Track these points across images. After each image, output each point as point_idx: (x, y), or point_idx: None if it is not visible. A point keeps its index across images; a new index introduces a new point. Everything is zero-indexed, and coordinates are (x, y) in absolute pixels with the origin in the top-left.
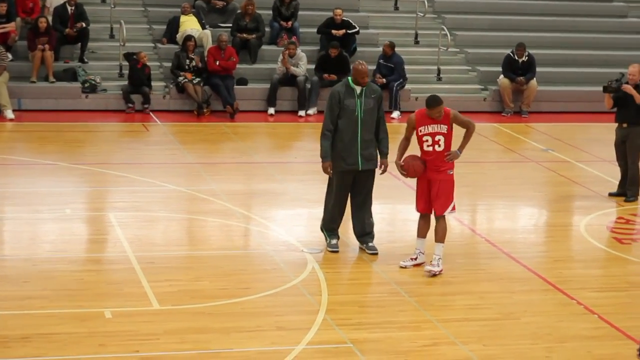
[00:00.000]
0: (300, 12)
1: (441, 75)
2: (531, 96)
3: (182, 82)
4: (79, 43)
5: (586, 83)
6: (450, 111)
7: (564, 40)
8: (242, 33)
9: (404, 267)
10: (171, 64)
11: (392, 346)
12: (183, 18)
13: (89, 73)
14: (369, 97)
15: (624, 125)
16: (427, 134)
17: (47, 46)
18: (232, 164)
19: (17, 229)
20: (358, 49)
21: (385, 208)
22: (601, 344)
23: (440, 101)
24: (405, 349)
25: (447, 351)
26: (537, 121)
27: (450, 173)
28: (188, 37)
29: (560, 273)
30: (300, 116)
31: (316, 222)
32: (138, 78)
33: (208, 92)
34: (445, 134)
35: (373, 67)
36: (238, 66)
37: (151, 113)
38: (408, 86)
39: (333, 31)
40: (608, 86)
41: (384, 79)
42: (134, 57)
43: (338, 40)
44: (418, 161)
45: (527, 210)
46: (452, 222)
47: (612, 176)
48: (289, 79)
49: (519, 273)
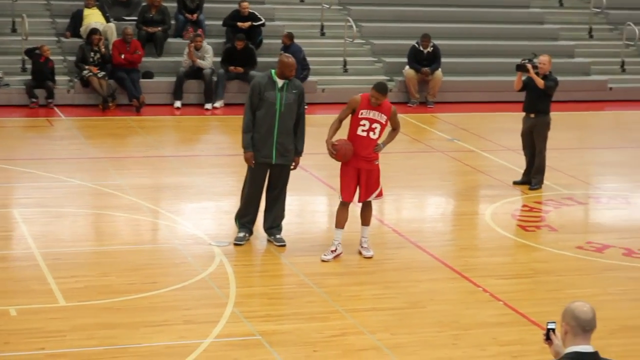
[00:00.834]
0: (205, 5)
1: (347, 66)
2: (436, 87)
3: (87, 76)
4: None
5: (490, 73)
6: (392, 106)
7: (468, 31)
8: (148, 26)
9: (326, 261)
10: (75, 58)
11: (301, 337)
12: (87, 11)
13: None
14: (290, 92)
15: (531, 115)
16: (366, 119)
17: None
18: (139, 158)
19: None
20: (264, 41)
21: (293, 200)
22: (507, 330)
23: (385, 89)
24: (313, 340)
25: (355, 341)
26: (443, 111)
27: (376, 163)
28: (93, 30)
29: (466, 261)
30: (206, 109)
31: (224, 215)
32: (41, 72)
33: (113, 86)
34: (382, 124)
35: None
36: (144, 59)
37: (55, 108)
38: (314, 78)
39: (239, 23)
40: (522, 65)
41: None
42: (37, 52)
43: (244, 32)
44: (351, 147)
45: (434, 199)
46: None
47: (517, 165)
48: (195, 72)
49: (426, 262)
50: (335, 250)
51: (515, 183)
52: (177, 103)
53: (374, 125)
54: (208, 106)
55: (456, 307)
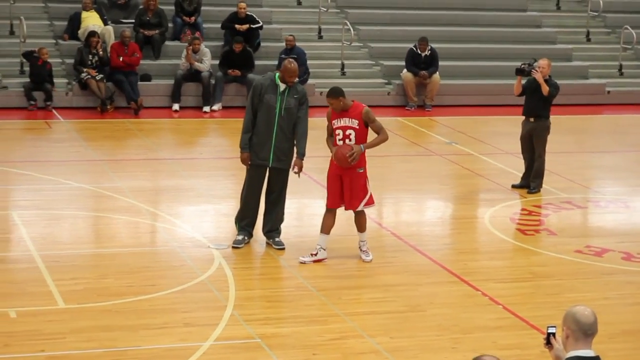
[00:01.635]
0: (203, 8)
1: (345, 69)
2: (434, 90)
3: (85, 79)
4: None
5: (488, 76)
6: (362, 108)
7: (466, 34)
8: (145, 29)
9: (303, 263)
10: (74, 60)
11: (300, 340)
12: (84, 14)
13: None
14: (292, 97)
15: (531, 119)
16: (339, 127)
17: None
18: (137, 161)
19: None
20: (262, 44)
21: (292, 203)
22: (506, 334)
23: (336, 92)
24: (313, 343)
25: (355, 344)
26: (441, 115)
27: (360, 171)
28: (92, 33)
29: (465, 265)
30: (205, 112)
31: (223, 218)
32: (39, 75)
33: (111, 89)
34: (356, 129)
35: (275, 62)
36: (141, 62)
37: (54, 110)
38: (312, 81)
39: (237, 26)
40: (521, 69)
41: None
42: (34, 55)
43: (242, 35)
44: (342, 150)
45: (433, 203)
46: None
47: (515, 168)
48: (193, 75)
49: (425, 266)
50: (316, 254)
51: (514, 187)
52: (175, 106)
53: (348, 132)
54: (206, 109)
55: (456, 311)
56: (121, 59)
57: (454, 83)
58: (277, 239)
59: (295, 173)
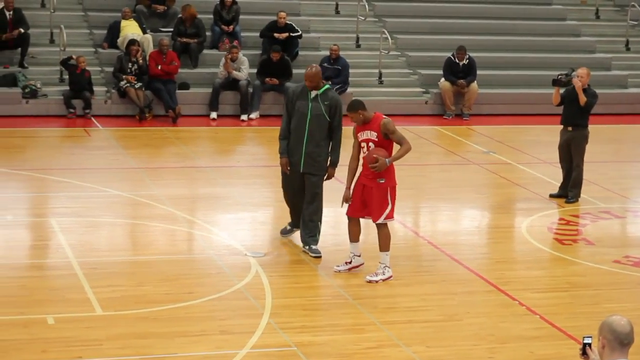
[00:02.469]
0: (241, 16)
1: (382, 78)
2: (472, 99)
3: (124, 87)
4: (19, 48)
5: (526, 85)
6: (381, 119)
7: (504, 43)
8: (183, 38)
9: (338, 272)
10: (113, 68)
11: (337, 349)
12: (124, 23)
13: (29, 78)
14: (321, 103)
15: (569, 128)
16: (362, 140)
17: None
18: (175, 169)
19: None
20: (300, 53)
21: (329, 211)
22: (543, 345)
23: (353, 106)
24: (349, 352)
25: (391, 353)
26: (479, 124)
27: (380, 182)
28: (132, 42)
29: (502, 274)
30: (242, 120)
31: (260, 226)
32: (78, 83)
33: (150, 97)
34: (375, 141)
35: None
36: (180, 70)
37: (93, 118)
38: (350, 89)
39: (275, 34)
40: (558, 80)
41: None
42: (71, 63)
43: (280, 43)
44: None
45: (469, 212)
46: (395, 225)
47: (553, 178)
48: (231, 83)
49: (462, 275)
50: (350, 262)
51: (551, 196)
52: (213, 114)
53: (370, 144)
54: (244, 117)
55: (492, 321)
56: (159, 68)
57: (492, 92)
58: (314, 247)
59: (325, 179)
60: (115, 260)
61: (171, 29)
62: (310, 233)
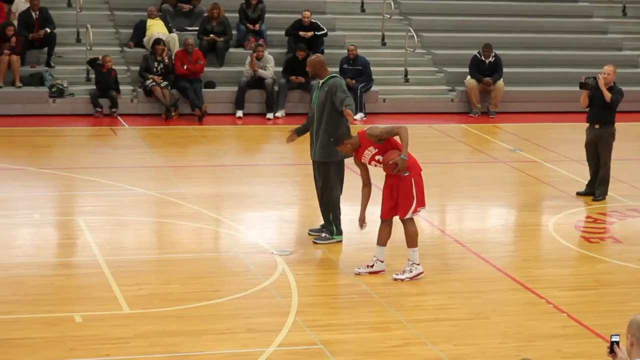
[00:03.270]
0: (267, 15)
1: (408, 76)
2: (498, 97)
3: (150, 86)
4: (46, 47)
5: (552, 83)
6: (364, 133)
7: (531, 40)
8: (209, 35)
9: (358, 274)
10: (139, 67)
11: (363, 347)
12: (150, 22)
13: (56, 77)
14: (322, 91)
15: (596, 126)
16: (370, 160)
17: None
18: (201, 167)
19: None
20: (325, 51)
21: (355, 210)
22: (570, 343)
23: (338, 141)
24: (376, 350)
25: (418, 351)
26: (505, 121)
27: (405, 175)
28: (157, 41)
29: (529, 272)
30: (268, 119)
31: (286, 224)
32: (105, 82)
33: (176, 96)
34: (378, 153)
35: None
36: (205, 69)
37: (119, 117)
38: (376, 88)
39: (301, 33)
40: (585, 83)
41: (354, 81)
42: (98, 62)
43: (305, 42)
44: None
45: (496, 210)
46: (422, 223)
47: (580, 176)
48: (257, 82)
49: (488, 273)
50: (372, 265)
51: (578, 194)
52: (239, 112)
53: (377, 157)
54: (269, 116)
55: (519, 319)
56: (185, 67)
57: (518, 90)
58: (323, 235)
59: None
60: (142, 258)
61: (197, 28)
62: (322, 224)
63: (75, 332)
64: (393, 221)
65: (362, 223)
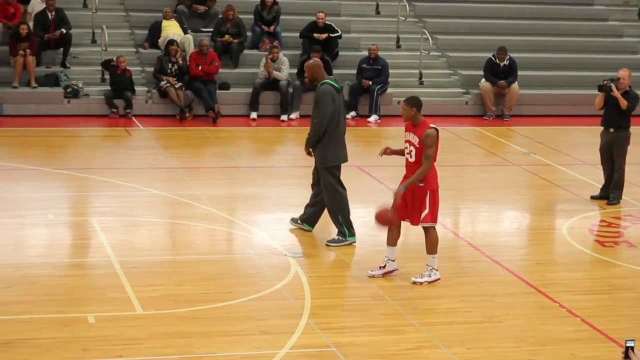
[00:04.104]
0: (281, 17)
1: (423, 79)
2: (513, 99)
3: (165, 87)
4: (61, 48)
5: (567, 86)
6: (428, 126)
7: (545, 43)
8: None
9: (372, 277)
10: (154, 68)
11: (376, 350)
12: (165, 23)
13: (71, 78)
14: (315, 95)
15: (611, 130)
16: (406, 141)
17: (29, 51)
18: (215, 169)
19: (0, 234)
20: (340, 53)
21: (368, 212)
22: (584, 347)
23: (410, 100)
24: (388, 353)
25: (431, 354)
26: (519, 124)
27: (420, 185)
28: (171, 42)
29: (542, 276)
30: (282, 120)
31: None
32: (120, 83)
33: (190, 97)
34: (416, 147)
35: (354, 71)
36: (220, 71)
37: (133, 118)
38: (390, 90)
39: (315, 35)
40: (603, 85)
41: (370, 82)
42: (112, 64)
43: (320, 44)
44: (388, 214)
45: (510, 213)
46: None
47: (594, 179)
48: (272, 84)
49: (502, 276)
50: (384, 266)
51: (593, 198)
52: (253, 114)
53: (410, 148)
54: (284, 117)
55: (533, 322)
56: (199, 68)
57: (533, 93)
58: (336, 237)
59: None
60: (155, 259)
61: (211, 30)
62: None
63: (88, 333)
64: (402, 223)
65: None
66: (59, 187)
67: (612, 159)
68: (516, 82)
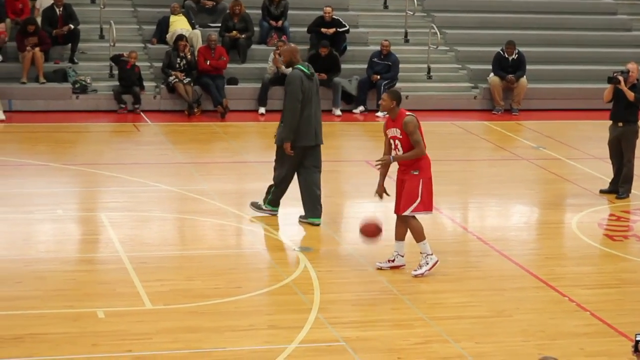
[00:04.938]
0: (289, 12)
1: (431, 73)
2: (521, 94)
3: (173, 82)
4: (69, 44)
5: (576, 80)
6: (405, 115)
7: (554, 37)
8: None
9: (380, 268)
10: (162, 64)
11: (385, 344)
12: (173, 18)
13: (80, 74)
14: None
15: (619, 124)
16: (391, 137)
17: (37, 48)
18: (224, 164)
19: (9, 230)
20: (348, 48)
21: (378, 207)
22: (593, 341)
23: (393, 94)
24: (398, 347)
25: (440, 349)
26: (528, 119)
27: (414, 173)
28: (179, 37)
29: (552, 270)
30: None
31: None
32: (128, 78)
33: (198, 92)
34: (401, 139)
35: (364, 66)
36: (228, 66)
37: (142, 113)
38: (398, 84)
39: (323, 30)
40: (613, 77)
41: (378, 77)
42: (123, 59)
43: (328, 39)
44: (372, 226)
45: (519, 207)
46: (444, 220)
47: (604, 173)
48: (280, 79)
49: (511, 271)
50: (393, 260)
51: (602, 192)
52: (262, 109)
53: (395, 142)
54: None
55: (542, 317)
56: (208, 63)
57: (542, 87)
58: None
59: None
60: (164, 254)
61: (219, 25)
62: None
63: (97, 328)
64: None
65: (379, 195)
66: (68, 183)
67: (621, 153)
68: (525, 76)
